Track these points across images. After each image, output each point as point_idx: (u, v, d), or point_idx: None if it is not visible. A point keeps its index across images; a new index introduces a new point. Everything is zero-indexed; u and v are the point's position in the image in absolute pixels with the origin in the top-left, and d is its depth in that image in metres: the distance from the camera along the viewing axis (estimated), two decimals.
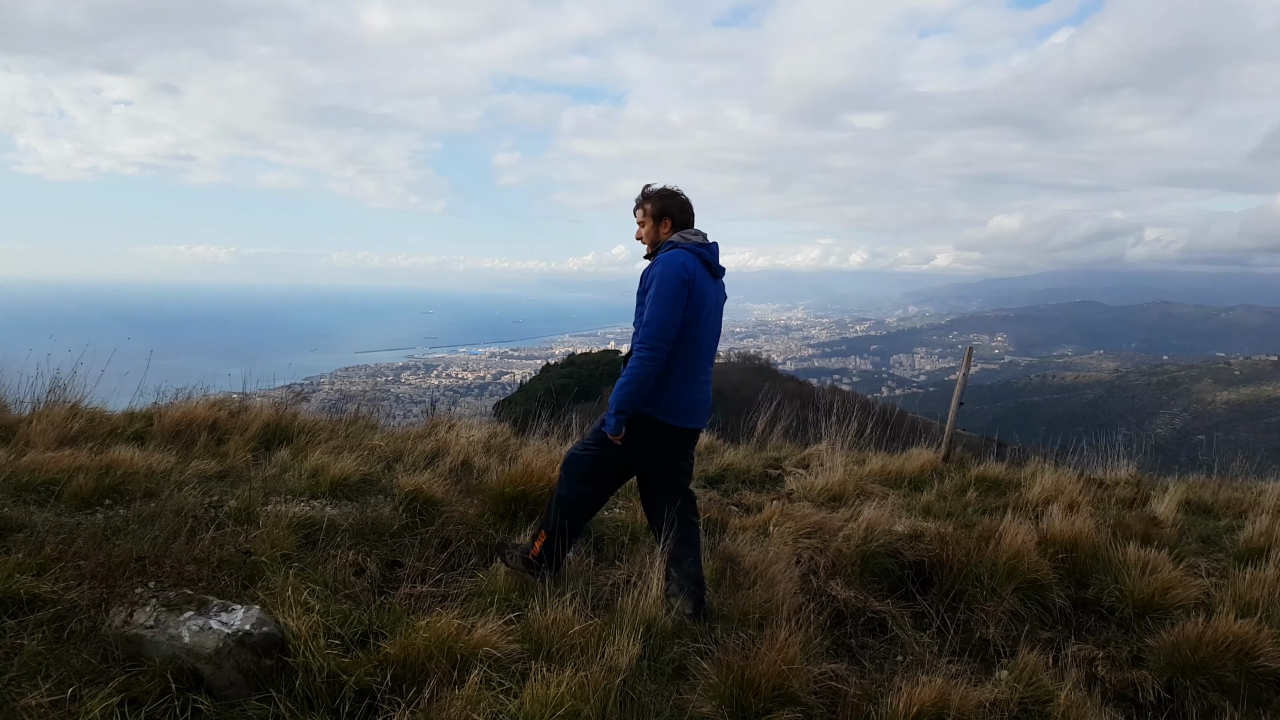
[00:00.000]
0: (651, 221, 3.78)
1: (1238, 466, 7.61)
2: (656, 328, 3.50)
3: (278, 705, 2.63)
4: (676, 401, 3.68)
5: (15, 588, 2.97)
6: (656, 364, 3.52)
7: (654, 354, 3.51)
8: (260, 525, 3.95)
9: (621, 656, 3.03)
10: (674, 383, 3.65)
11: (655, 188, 3.82)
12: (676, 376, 3.65)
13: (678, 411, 3.70)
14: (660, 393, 3.63)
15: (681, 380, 3.67)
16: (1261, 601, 4.25)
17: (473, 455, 5.93)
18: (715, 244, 3.79)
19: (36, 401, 5.96)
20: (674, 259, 3.61)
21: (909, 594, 4.33)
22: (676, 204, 3.79)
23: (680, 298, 3.54)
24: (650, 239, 3.80)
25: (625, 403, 3.55)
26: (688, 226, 3.80)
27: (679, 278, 3.55)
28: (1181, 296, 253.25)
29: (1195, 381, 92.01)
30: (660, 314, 3.51)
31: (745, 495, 6.14)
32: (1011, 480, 6.76)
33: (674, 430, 3.73)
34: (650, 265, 3.66)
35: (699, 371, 3.74)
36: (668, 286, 3.53)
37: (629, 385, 3.53)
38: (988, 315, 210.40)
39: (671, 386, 3.65)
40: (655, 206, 3.77)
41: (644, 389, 3.54)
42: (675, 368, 3.63)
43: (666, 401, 3.66)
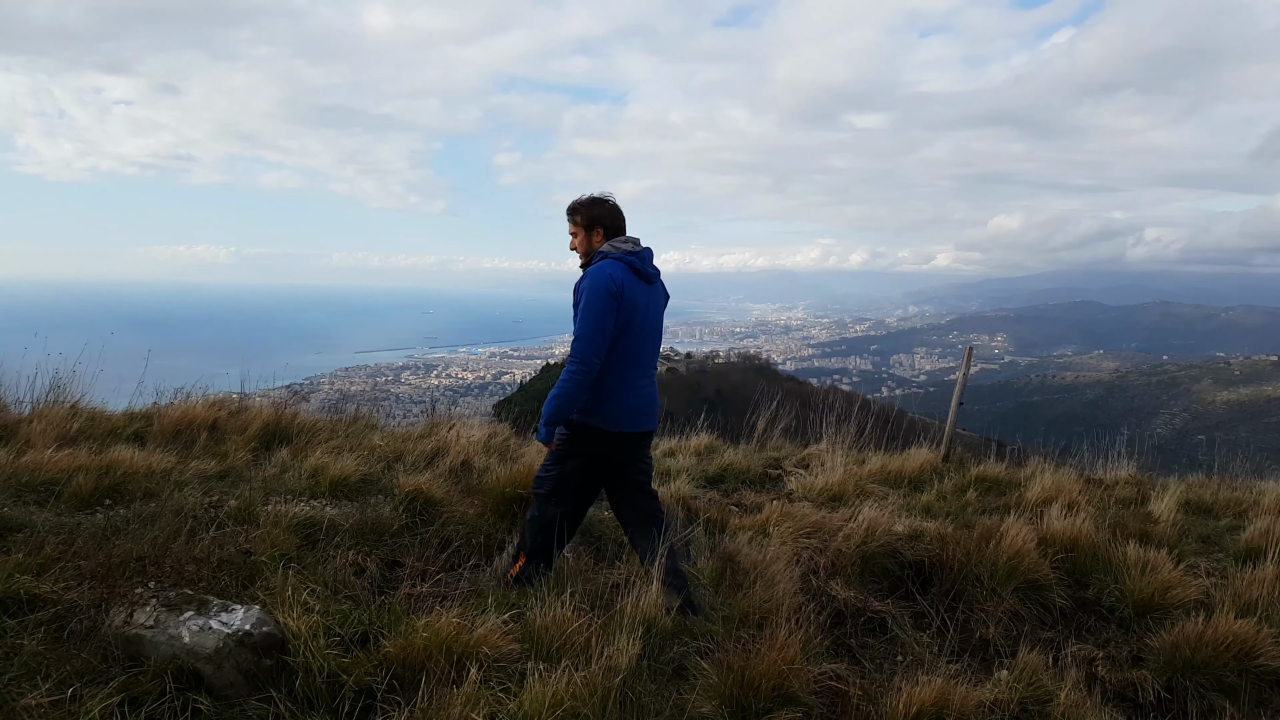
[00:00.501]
0: (583, 231, 3.82)
1: (1237, 466, 7.61)
2: (586, 342, 3.57)
3: (278, 705, 2.63)
4: (619, 409, 3.75)
5: (15, 588, 2.97)
6: (586, 377, 3.59)
7: (583, 368, 3.58)
8: (260, 525, 3.95)
9: (621, 656, 3.03)
10: (614, 392, 3.72)
11: (584, 197, 3.86)
12: (616, 385, 3.72)
13: (622, 419, 3.77)
14: (602, 404, 3.70)
15: (621, 388, 3.74)
16: (1261, 601, 4.25)
17: (473, 455, 5.93)
18: (648, 250, 3.85)
19: (36, 401, 5.96)
20: (602, 272, 3.66)
21: (909, 594, 4.33)
22: (606, 212, 3.83)
23: (609, 311, 3.60)
24: (583, 248, 3.84)
25: (554, 414, 3.63)
26: (619, 234, 3.85)
27: (607, 290, 3.61)
28: (1181, 296, 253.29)
29: (1195, 381, 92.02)
30: (589, 328, 3.57)
31: (745, 495, 6.14)
32: (1011, 480, 6.76)
33: (622, 437, 3.80)
34: (580, 279, 3.70)
35: (638, 377, 3.81)
36: (596, 300, 3.59)
37: (558, 398, 3.61)
38: (988, 315, 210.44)
39: (612, 396, 3.72)
40: (585, 216, 3.82)
41: (573, 402, 3.62)
42: (613, 377, 3.70)
43: (609, 411, 3.73)
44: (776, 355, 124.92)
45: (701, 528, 4.83)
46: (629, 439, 3.83)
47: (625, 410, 3.77)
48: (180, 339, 63.63)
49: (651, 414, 3.91)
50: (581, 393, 3.61)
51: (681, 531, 4.69)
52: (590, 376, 3.59)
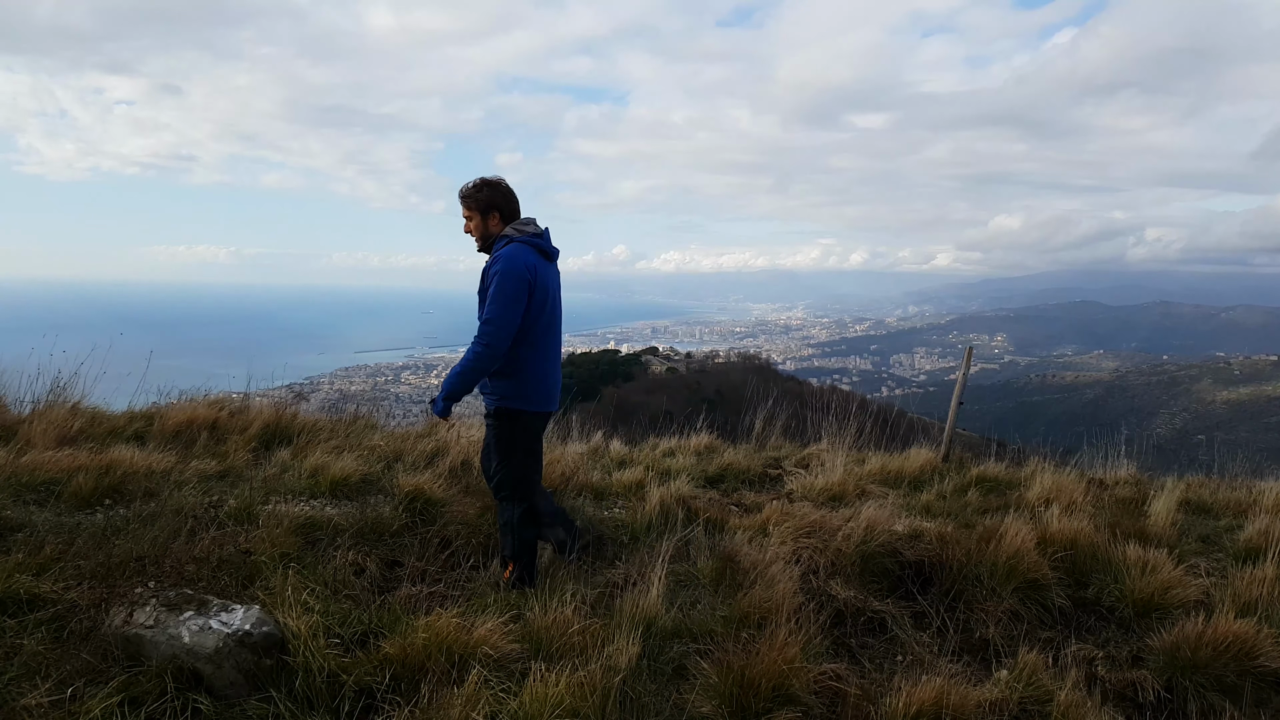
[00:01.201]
0: (479, 216, 3.83)
1: (1237, 466, 7.60)
2: (497, 325, 3.62)
3: (278, 705, 2.63)
4: (539, 389, 3.85)
5: (15, 587, 2.97)
6: (493, 360, 3.65)
7: (491, 349, 3.63)
8: (260, 525, 3.95)
9: (621, 656, 3.04)
10: (543, 373, 3.82)
11: (476, 181, 3.87)
12: (536, 367, 3.81)
13: (541, 398, 3.88)
14: (532, 386, 3.79)
15: (541, 369, 3.84)
16: (1261, 601, 4.25)
17: (473, 455, 5.92)
18: (547, 229, 3.89)
19: (37, 401, 5.96)
20: (515, 257, 3.70)
21: (909, 594, 4.33)
22: (501, 195, 3.84)
23: (522, 296, 3.66)
24: (480, 233, 3.86)
25: (455, 390, 3.70)
26: (515, 216, 3.87)
27: (522, 276, 3.66)
28: (1181, 296, 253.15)
29: (1195, 381, 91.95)
30: (501, 312, 3.62)
31: (745, 495, 6.14)
32: (1011, 480, 6.76)
33: (539, 416, 3.92)
34: (491, 263, 3.72)
35: (553, 357, 3.94)
36: (510, 285, 3.63)
37: (462, 375, 3.67)
38: (988, 315, 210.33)
39: (542, 377, 3.82)
40: (480, 201, 3.82)
41: (474, 381, 3.69)
42: (532, 359, 3.78)
43: (538, 392, 3.83)
44: (776, 355, 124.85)
45: (701, 527, 4.83)
46: (543, 418, 3.97)
47: (546, 391, 3.89)
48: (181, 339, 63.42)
49: (559, 394, 4.05)
50: (483, 374, 3.68)
51: (681, 531, 4.70)
52: (497, 360, 3.66)
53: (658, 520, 4.91)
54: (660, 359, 70.00)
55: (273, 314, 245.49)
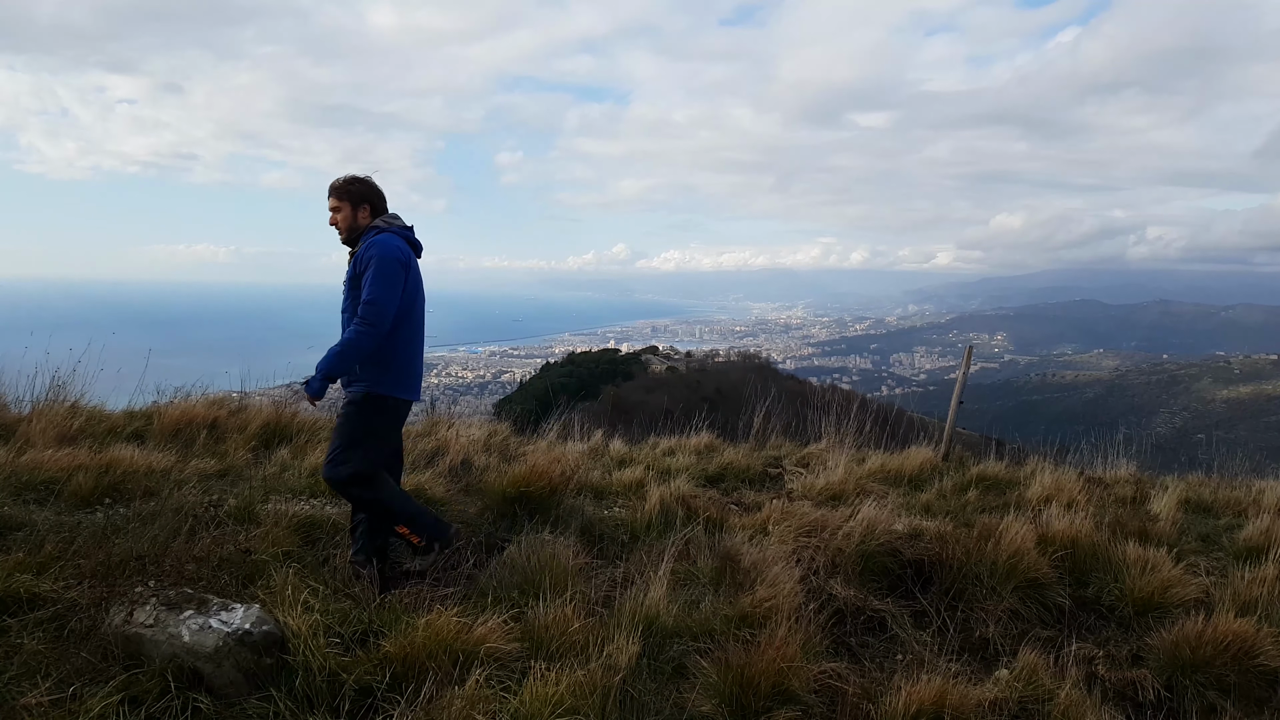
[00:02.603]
0: (349, 207, 3.88)
1: (1237, 465, 7.60)
2: (381, 306, 3.67)
3: (278, 704, 2.63)
4: (408, 376, 3.91)
5: (15, 587, 2.97)
6: (374, 339, 3.68)
7: (374, 329, 3.67)
8: (260, 524, 3.95)
9: (621, 655, 3.04)
10: (406, 360, 3.87)
11: (347, 175, 3.93)
12: (407, 354, 3.87)
13: (410, 385, 3.94)
14: (401, 373, 3.84)
15: (411, 356, 3.90)
16: (1261, 600, 4.25)
17: (473, 454, 5.93)
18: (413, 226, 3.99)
19: (36, 400, 5.96)
20: (390, 243, 3.78)
21: (909, 593, 4.33)
22: (372, 189, 3.92)
23: (399, 279, 3.74)
24: (347, 225, 3.90)
25: (334, 369, 3.71)
26: (384, 211, 3.96)
27: (398, 260, 3.75)
28: (1181, 295, 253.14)
29: (1195, 380, 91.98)
30: (383, 294, 3.68)
31: (745, 494, 6.14)
32: (1011, 479, 6.76)
33: (406, 404, 3.98)
34: (365, 249, 3.76)
35: (421, 346, 4.01)
36: (389, 268, 3.71)
37: (344, 355, 3.68)
38: (988, 314, 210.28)
39: (405, 364, 3.87)
40: (355, 193, 3.88)
41: (355, 359, 3.71)
42: (405, 346, 3.85)
43: (403, 379, 3.87)
44: (776, 354, 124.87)
45: (701, 527, 4.83)
46: (409, 406, 4.03)
47: (415, 378, 3.96)
48: (180, 338, 63.28)
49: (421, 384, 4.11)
50: (365, 353, 3.70)
51: (682, 530, 4.70)
52: (378, 339, 3.69)
53: (658, 519, 4.90)
54: (660, 358, 70.01)
55: (272, 313, 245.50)
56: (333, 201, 3.91)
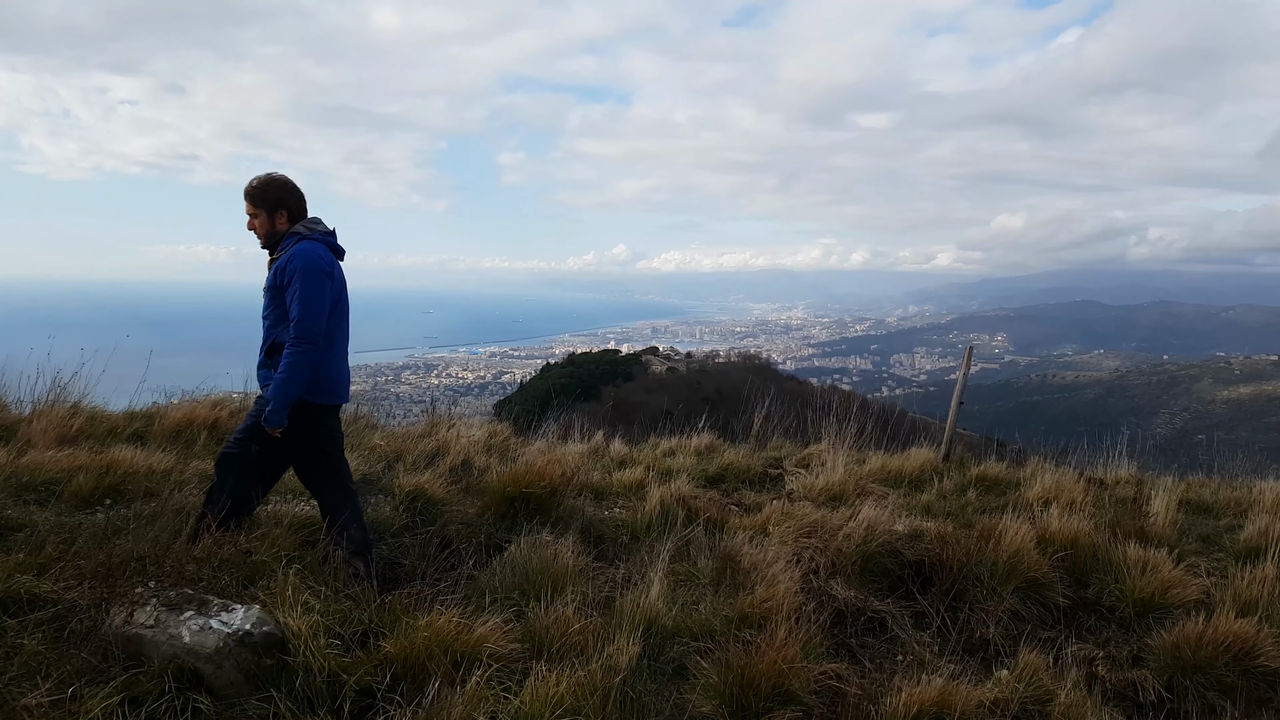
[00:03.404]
0: (265, 214, 3.78)
1: (1237, 466, 7.60)
2: (311, 321, 3.62)
3: (278, 705, 2.63)
4: (332, 381, 3.84)
5: (16, 587, 2.97)
6: (313, 356, 3.64)
7: (312, 347, 3.63)
8: (260, 525, 3.95)
9: (621, 656, 3.04)
10: (329, 365, 3.79)
11: (262, 178, 3.81)
12: (330, 359, 3.79)
13: (333, 390, 3.86)
14: (320, 379, 3.75)
15: (335, 361, 3.83)
16: (1261, 601, 4.24)
17: (473, 455, 5.93)
18: (334, 229, 3.91)
19: (37, 401, 5.96)
20: (313, 253, 3.70)
21: (909, 593, 4.33)
22: (289, 193, 3.81)
23: (325, 289, 3.68)
24: (265, 231, 3.81)
25: (290, 396, 3.63)
26: (303, 215, 3.85)
27: (321, 270, 3.68)
28: (1182, 296, 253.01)
29: (1195, 381, 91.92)
30: (311, 309, 3.62)
31: (745, 495, 6.14)
32: (1011, 480, 6.76)
33: (330, 408, 3.90)
34: (286, 260, 3.69)
35: (344, 350, 3.94)
36: (314, 280, 3.64)
37: (292, 380, 3.61)
38: (988, 315, 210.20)
39: (328, 369, 3.79)
40: (270, 198, 3.77)
41: (303, 381, 3.65)
42: (331, 352, 3.78)
43: (325, 384, 3.79)
44: (777, 355, 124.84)
45: (702, 527, 4.83)
46: (334, 410, 3.94)
47: (338, 382, 3.88)
48: (181, 338, 63.06)
49: (349, 386, 4.04)
50: (310, 372, 3.65)
51: (682, 531, 4.70)
52: (317, 355, 3.65)
53: (658, 520, 4.90)
54: (660, 359, 70.02)
55: None
56: (248, 207, 3.80)
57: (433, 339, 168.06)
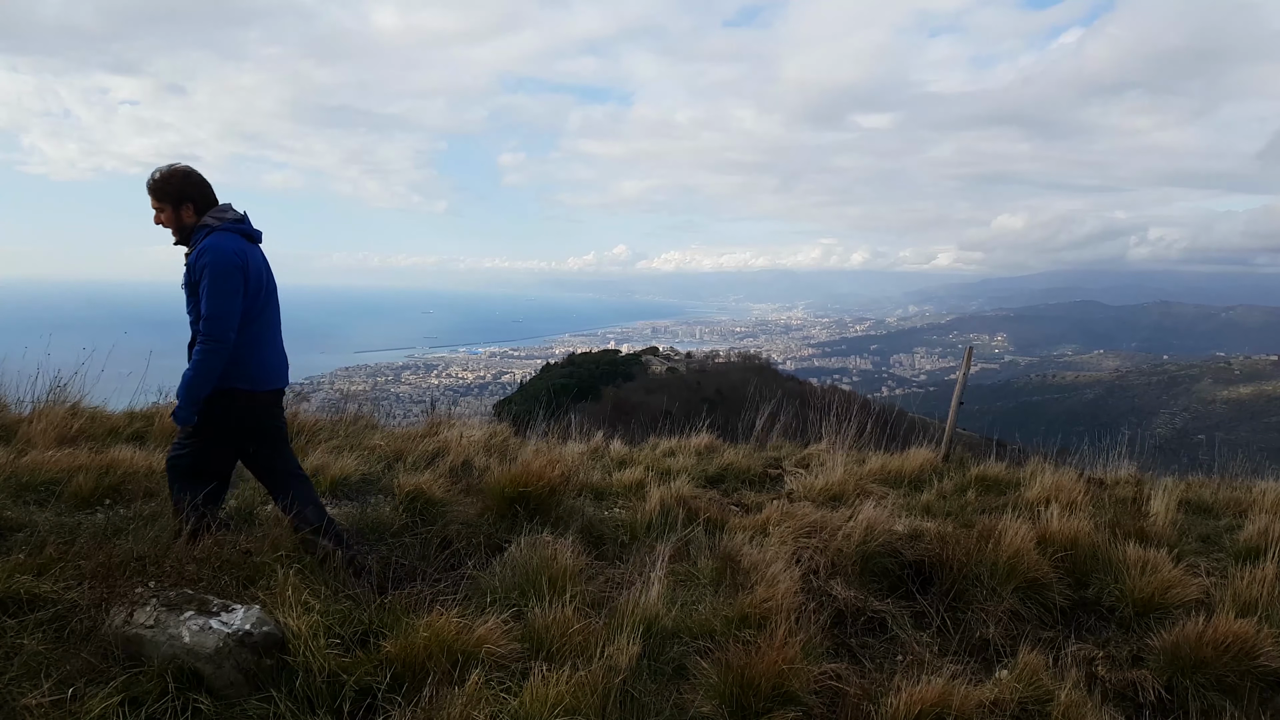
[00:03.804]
0: (170, 208, 3.71)
1: (1237, 466, 7.60)
2: (221, 320, 3.57)
3: (278, 705, 2.63)
4: (261, 369, 3.79)
5: (16, 587, 2.97)
6: (222, 356, 3.59)
7: (220, 345, 3.58)
8: (260, 525, 3.95)
9: (621, 656, 3.04)
10: (255, 353, 3.75)
11: (164, 171, 3.73)
12: (256, 348, 3.75)
13: (268, 376, 3.82)
14: (248, 366, 3.72)
15: (261, 349, 3.78)
16: (1261, 601, 4.25)
17: (473, 455, 5.93)
18: (246, 213, 3.85)
19: (37, 401, 5.96)
20: (223, 248, 3.64)
21: (909, 593, 4.33)
22: (193, 184, 3.73)
23: (237, 285, 3.62)
24: (174, 225, 3.74)
25: (196, 393, 3.59)
26: (211, 205, 3.78)
27: (233, 265, 3.62)
28: (1182, 296, 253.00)
29: (1195, 381, 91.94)
30: (221, 306, 3.57)
31: (745, 495, 6.14)
32: (1011, 480, 6.76)
33: (264, 395, 3.83)
34: (197, 255, 3.63)
35: (273, 336, 3.87)
36: (224, 278, 3.59)
37: (198, 378, 3.57)
38: (988, 315, 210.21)
39: (254, 357, 3.75)
40: (172, 191, 3.70)
41: (211, 380, 3.60)
42: (253, 340, 3.73)
43: (253, 372, 3.75)
44: (777, 355, 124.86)
45: (701, 527, 4.83)
46: (270, 396, 3.88)
47: (268, 369, 3.84)
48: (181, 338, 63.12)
49: (287, 369, 3.99)
50: (217, 371, 3.60)
51: (682, 531, 4.70)
52: (226, 353, 3.60)
53: (658, 520, 4.90)
54: (660, 359, 70.02)
55: None
56: (152, 202, 3.72)
57: (433, 339, 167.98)
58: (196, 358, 3.58)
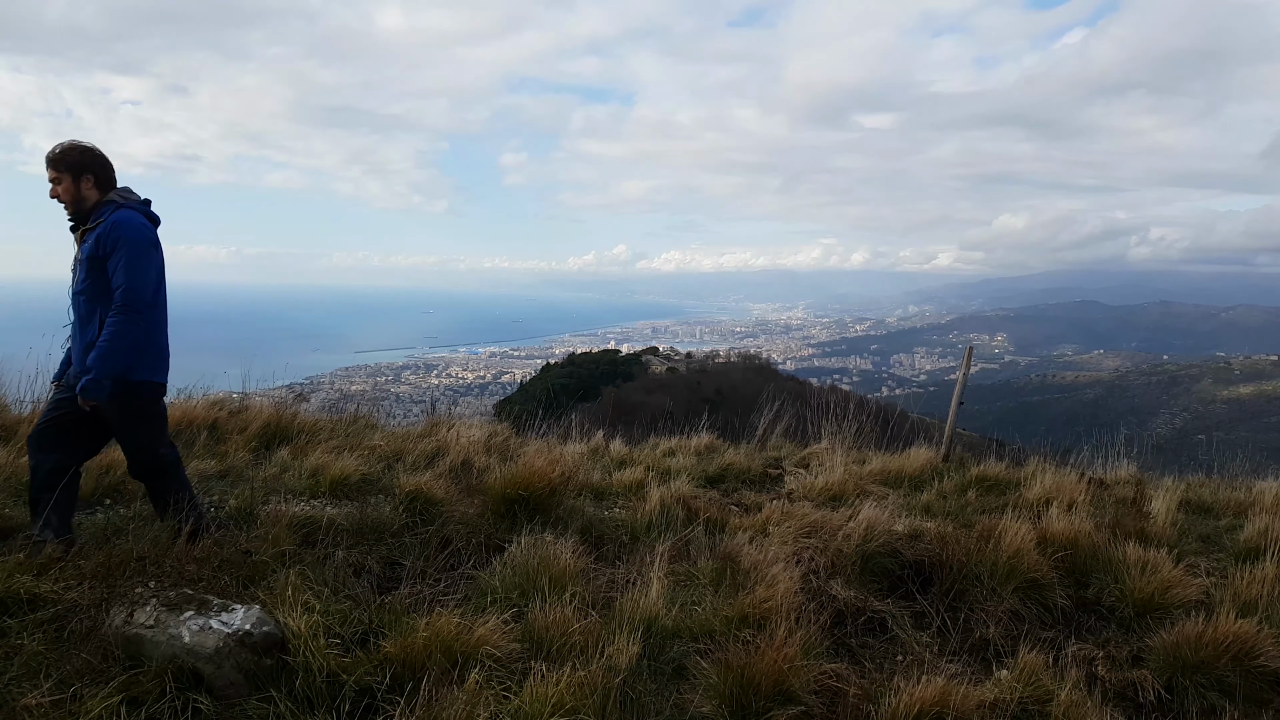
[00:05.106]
0: (69, 179, 3.65)
1: (1237, 466, 7.60)
2: (140, 291, 3.54)
3: (278, 705, 2.63)
4: (161, 357, 3.76)
5: (16, 587, 2.97)
6: (140, 327, 3.55)
7: (140, 316, 3.54)
8: (260, 525, 3.95)
9: (621, 656, 3.04)
10: (156, 340, 3.71)
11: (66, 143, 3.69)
12: (157, 336, 3.71)
13: (163, 366, 3.78)
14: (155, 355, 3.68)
15: (161, 336, 3.74)
16: (1261, 601, 4.25)
17: (473, 455, 5.93)
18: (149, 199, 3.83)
19: (36, 401, 5.96)
20: (137, 222, 3.62)
21: (909, 594, 4.32)
22: (96, 159, 3.70)
23: (152, 259, 3.61)
24: (71, 197, 3.68)
25: (115, 365, 3.51)
26: (112, 184, 3.75)
27: (149, 239, 3.62)
28: (1182, 296, 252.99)
29: (1195, 381, 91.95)
30: (140, 276, 3.54)
31: (745, 495, 6.14)
32: (1011, 480, 6.76)
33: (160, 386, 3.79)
34: (107, 229, 3.57)
35: (166, 326, 3.82)
36: (141, 249, 3.57)
37: (117, 348, 3.50)
38: (988, 315, 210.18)
39: (155, 344, 3.70)
40: (73, 161, 3.66)
41: (129, 351, 3.54)
42: (155, 329, 3.68)
43: (153, 360, 3.71)
44: (777, 355, 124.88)
45: (702, 527, 4.83)
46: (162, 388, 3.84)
47: (166, 358, 3.80)
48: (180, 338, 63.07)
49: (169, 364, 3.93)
50: (137, 343, 3.55)
51: (682, 531, 4.70)
52: (144, 325, 3.56)
53: (658, 520, 4.90)
54: (661, 359, 70.02)
55: (273, 314, 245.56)
56: (51, 173, 3.66)
57: (433, 339, 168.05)
58: (115, 326, 3.51)
